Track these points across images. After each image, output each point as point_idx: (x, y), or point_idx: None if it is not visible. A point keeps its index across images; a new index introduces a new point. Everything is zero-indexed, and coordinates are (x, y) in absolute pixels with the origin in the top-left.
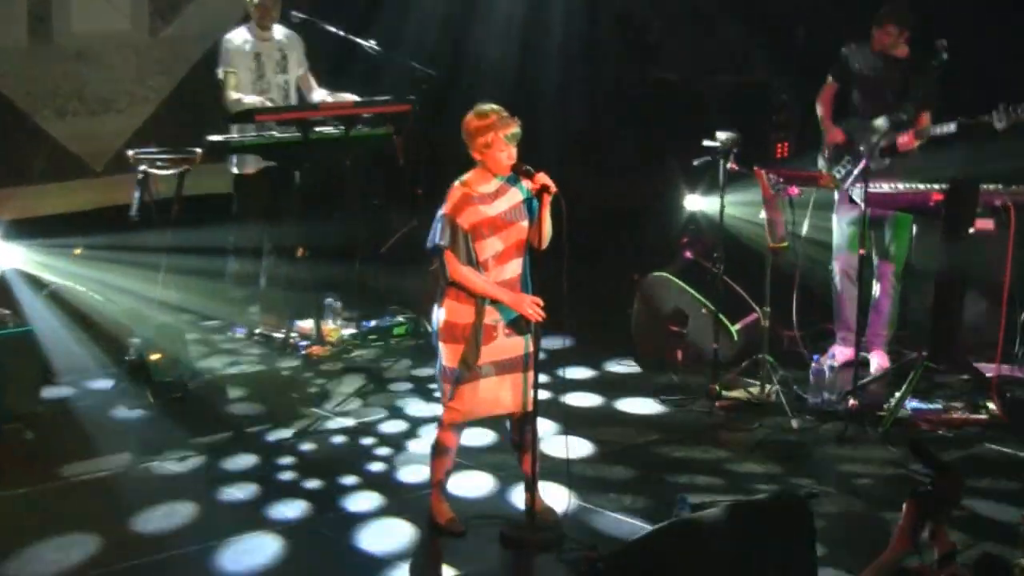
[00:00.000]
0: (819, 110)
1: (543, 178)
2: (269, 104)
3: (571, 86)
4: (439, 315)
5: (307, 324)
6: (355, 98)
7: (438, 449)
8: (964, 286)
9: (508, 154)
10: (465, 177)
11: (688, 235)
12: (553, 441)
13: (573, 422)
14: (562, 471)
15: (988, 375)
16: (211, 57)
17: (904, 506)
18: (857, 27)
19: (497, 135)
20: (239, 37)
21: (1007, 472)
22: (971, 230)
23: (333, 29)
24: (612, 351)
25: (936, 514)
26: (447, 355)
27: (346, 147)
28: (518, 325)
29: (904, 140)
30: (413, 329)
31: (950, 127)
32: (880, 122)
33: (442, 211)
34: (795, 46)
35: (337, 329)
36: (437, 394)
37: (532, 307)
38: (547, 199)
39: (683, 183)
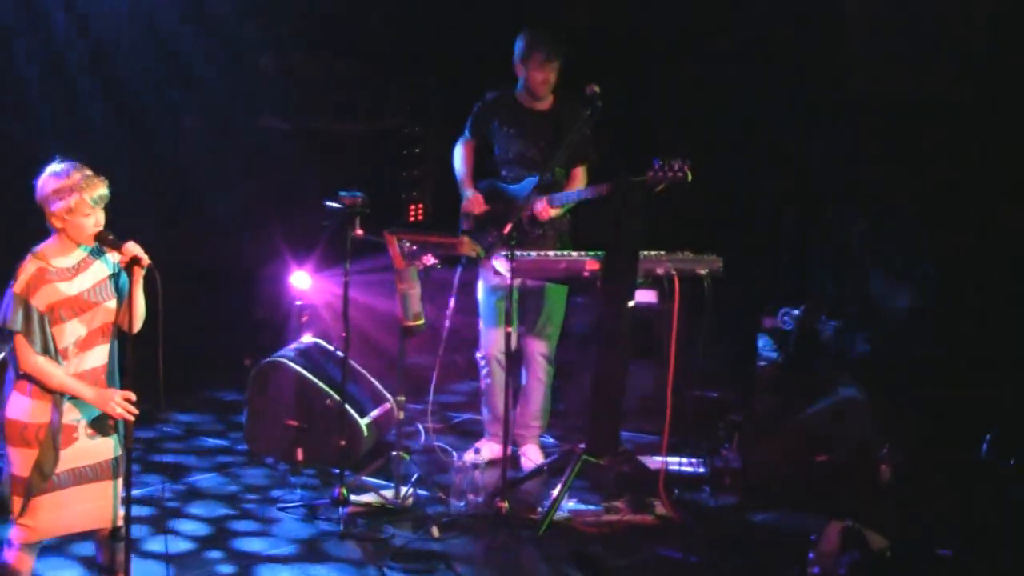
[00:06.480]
0: (457, 172)
1: (133, 248)
2: None
3: (165, 133)
4: (8, 413)
5: None
6: None
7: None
8: (625, 367)
9: (95, 220)
10: (40, 248)
11: (307, 311)
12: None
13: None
14: None
15: (654, 469)
16: None
17: None
18: (499, 70)
19: (82, 198)
20: None
21: None
22: (631, 303)
23: None
24: (225, 451)
25: None
26: (18, 462)
27: None
28: (103, 425)
29: (539, 208)
30: None
31: (599, 190)
32: (524, 186)
33: (13, 289)
34: (431, 88)
35: None
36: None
37: (121, 404)
38: (138, 273)
39: (291, 250)
